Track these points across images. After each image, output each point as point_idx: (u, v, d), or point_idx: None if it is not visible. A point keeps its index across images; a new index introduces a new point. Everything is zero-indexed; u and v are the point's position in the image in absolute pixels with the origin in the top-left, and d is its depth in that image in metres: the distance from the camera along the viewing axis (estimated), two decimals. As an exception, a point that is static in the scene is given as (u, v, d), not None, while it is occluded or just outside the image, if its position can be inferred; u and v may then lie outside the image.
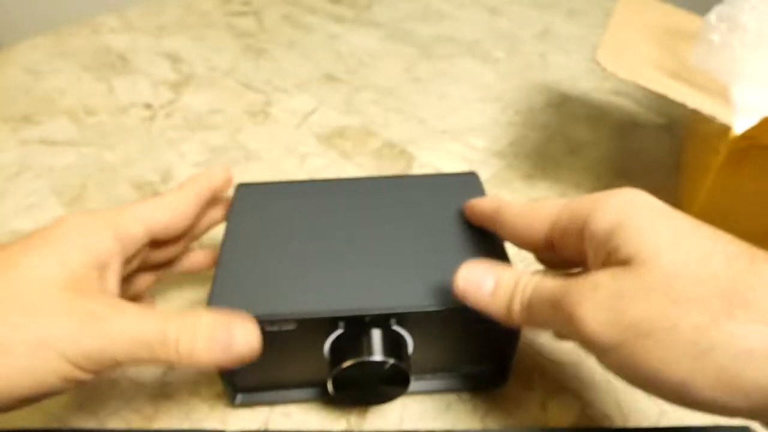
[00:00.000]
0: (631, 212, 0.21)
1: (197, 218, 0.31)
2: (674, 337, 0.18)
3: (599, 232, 0.22)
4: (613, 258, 0.21)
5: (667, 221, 0.21)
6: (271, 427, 0.29)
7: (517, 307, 0.24)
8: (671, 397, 0.19)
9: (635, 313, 0.19)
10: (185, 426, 0.29)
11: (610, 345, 0.20)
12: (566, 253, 0.25)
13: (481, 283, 0.24)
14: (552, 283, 0.22)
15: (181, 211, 0.29)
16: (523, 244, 0.27)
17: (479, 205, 0.29)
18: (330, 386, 0.27)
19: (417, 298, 0.26)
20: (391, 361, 0.26)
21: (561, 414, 0.30)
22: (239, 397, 0.29)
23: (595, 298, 0.20)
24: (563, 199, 0.25)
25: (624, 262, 0.20)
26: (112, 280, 0.25)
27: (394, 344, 0.26)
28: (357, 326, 0.26)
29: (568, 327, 0.21)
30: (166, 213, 0.29)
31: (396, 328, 0.27)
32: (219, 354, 0.23)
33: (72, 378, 0.22)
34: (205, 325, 0.23)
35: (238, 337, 0.24)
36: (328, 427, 0.29)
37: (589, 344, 0.21)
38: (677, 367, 0.18)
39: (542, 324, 0.23)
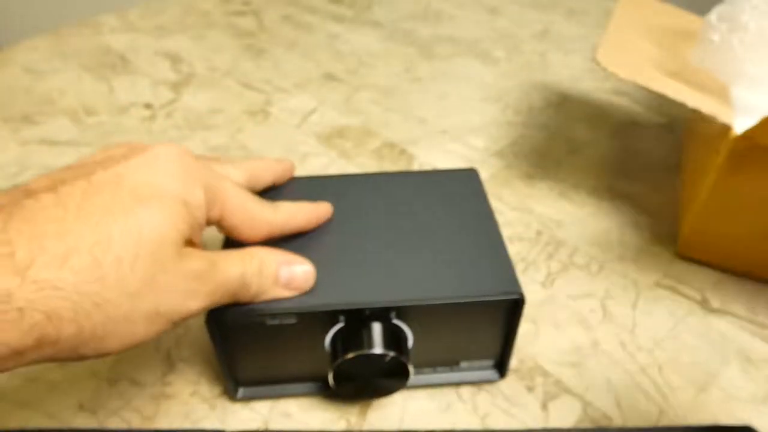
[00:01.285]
0: None
1: None
2: None
3: None
4: None
5: None
6: (271, 427, 0.29)
7: None
8: None
9: None
10: (185, 426, 0.29)
11: None
12: None
13: None
14: None
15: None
16: None
17: None
18: (331, 379, 0.27)
19: (417, 292, 0.26)
20: (391, 354, 0.26)
21: (561, 414, 0.30)
22: (241, 392, 0.29)
23: None
24: None
25: None
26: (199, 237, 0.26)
27: (394, 337, 0.26)
28: (357, 320, 0.26)
29: None
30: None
31: (396, 321, 0.27)
32: (281, 291, 0.26)
33: (162, 332, 0.23)
34: (271, 265, 0.26)
35: (299, 275, 0.26)
36: (328, 427, 0.29)
37: None
38: None
39: None
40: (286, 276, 0.26)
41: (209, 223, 0.26)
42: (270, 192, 0.32)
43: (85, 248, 0.20)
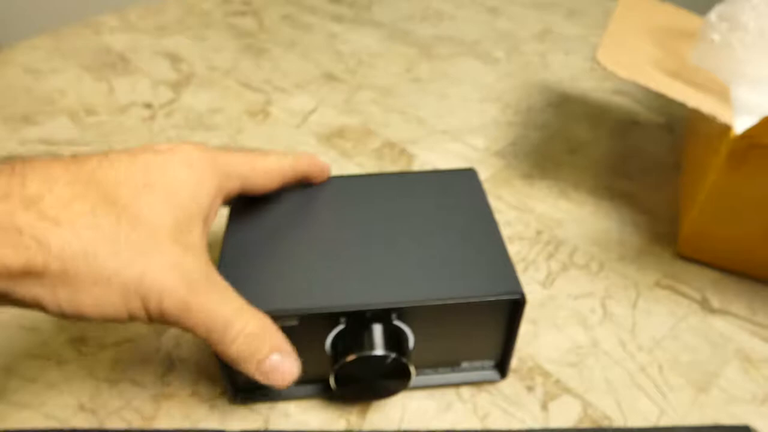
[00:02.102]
0: None
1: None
2: None
3: None
4: None
5: None
6: (271, 427, 0.29)
7: None
8: None
9: None
10: (185, 426, 0.29)
11: None
12: None
13: None
14: None
15: (272, 181, 0.29)
16: None
17: None
18: (332, 382, 0.27)
19: (417, 293, 0.26)
20: (393, 355, 0.26)
21: (561, 414, 0.30)
22: (241, 396, 0.29)
23: None
24: None
25: None
26: (206, 232, 0.26)
27: (395, 339, 0.26)
28: (358, 321, 0.26)
29: None
30: (262, 179, 0.29)
31: (397, 322, 0.27)
32: (258, 375, 0.24)
33: (137, 320, 0.23)
34: (265, 348, 0.24)
35: (283, 369, 0.25)
36: (328, 427, 0.29)
37: None
38: None
39: None
40: (271, 364, 0.24)
41: (228, 199, 0.28)
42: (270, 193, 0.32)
43: (90, 199, 0.22)
